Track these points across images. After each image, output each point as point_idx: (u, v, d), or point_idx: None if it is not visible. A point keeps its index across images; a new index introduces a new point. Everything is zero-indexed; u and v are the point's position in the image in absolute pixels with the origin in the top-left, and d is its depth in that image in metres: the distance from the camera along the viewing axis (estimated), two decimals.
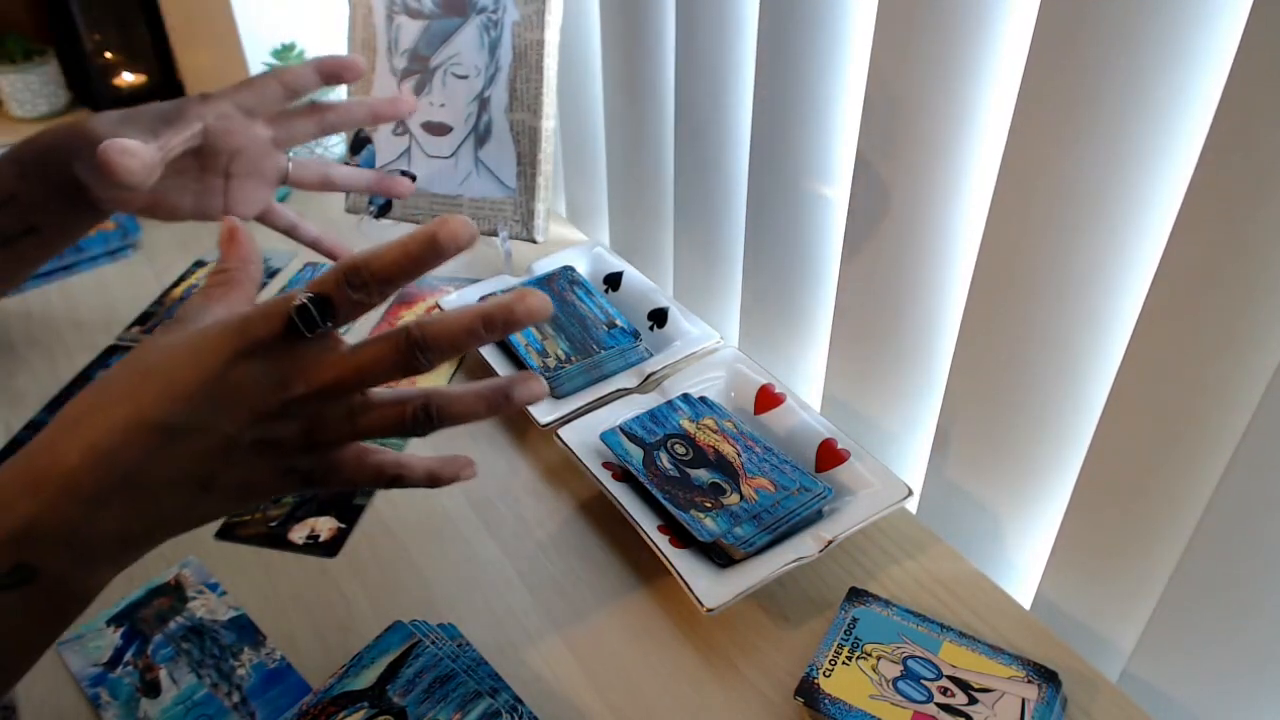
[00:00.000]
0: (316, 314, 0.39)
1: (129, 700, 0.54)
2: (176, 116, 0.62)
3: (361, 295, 0.40)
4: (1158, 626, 0.52)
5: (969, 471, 0.64)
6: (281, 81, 0.66)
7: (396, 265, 0.39)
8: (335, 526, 0.64)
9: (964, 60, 0.54)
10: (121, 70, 1.82)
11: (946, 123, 0.56)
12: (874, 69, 0.58)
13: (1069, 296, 0.53)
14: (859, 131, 0.61)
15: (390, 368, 0.41)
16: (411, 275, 0.40)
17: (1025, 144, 0.51)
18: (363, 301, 0.40)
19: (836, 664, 0.51)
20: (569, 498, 0.65)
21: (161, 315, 0.87)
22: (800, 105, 0.66)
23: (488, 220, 0.85)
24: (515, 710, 0.49)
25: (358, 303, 0.40)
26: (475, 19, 0.83)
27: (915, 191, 0.60)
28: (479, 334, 0.40)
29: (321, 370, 0.40)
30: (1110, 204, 0.49)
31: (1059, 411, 0.57)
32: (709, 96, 0.74)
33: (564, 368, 0.70)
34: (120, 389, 0.41)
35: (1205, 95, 0.44)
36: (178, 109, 0.63)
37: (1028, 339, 0.56)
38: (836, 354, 0.72)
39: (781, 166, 0.70)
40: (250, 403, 0.40)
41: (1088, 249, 0.51)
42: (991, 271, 0.56)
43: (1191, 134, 0.45)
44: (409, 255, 0.39)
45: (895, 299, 0.65)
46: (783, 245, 0.73)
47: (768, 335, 0.80)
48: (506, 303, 0.40)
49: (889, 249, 0.63)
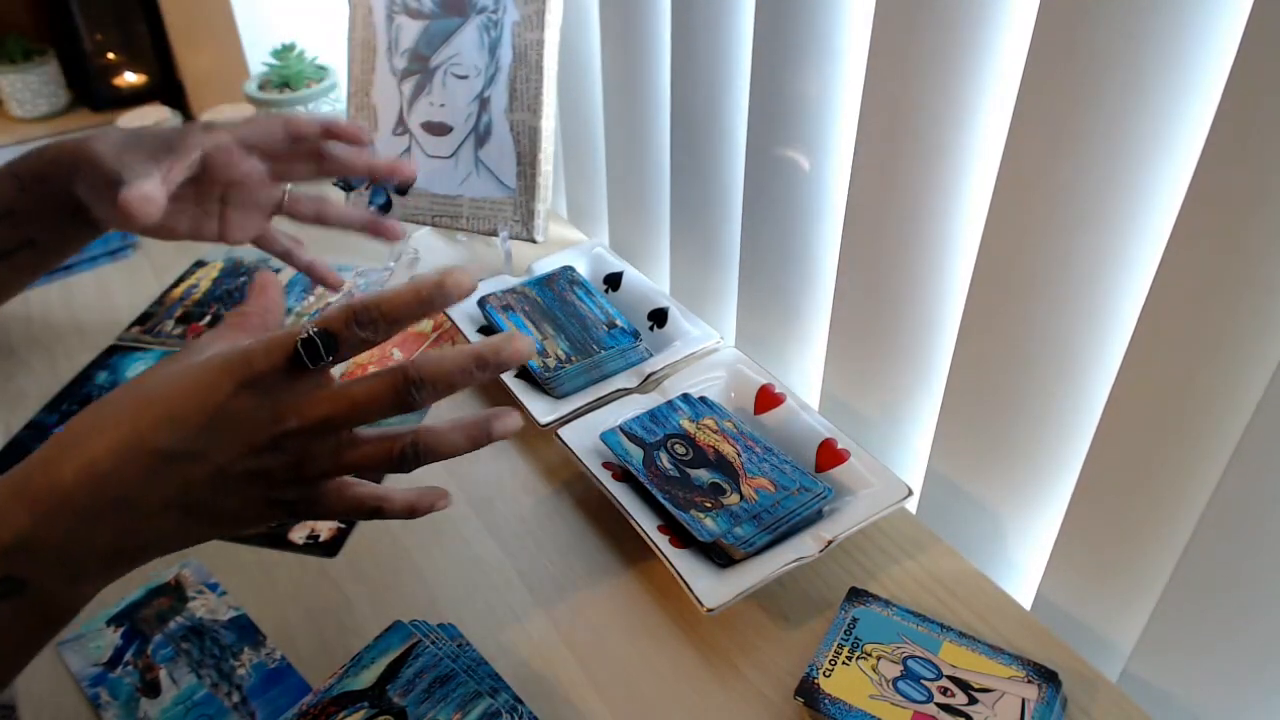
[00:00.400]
0: (322, 348, 0.40)
1: (129, 700, 0.54)
2: (179, 144, 0.63)
3: (368, 333, 0.41)
4: (1158, 626, 0.52)
5: (969, 471, 0.64)
6: (285, 123, 0.67)
7: (407, 307, 0.41)
8: (335, 526, 0.64)
9: (962, 59, 0.54)
10: (122, 70, 1.82)
11: (945, 122, 0.56)
12: (871, 69, 0.58)
13: (1069, 296, 0.53)
14: (856, 131, 0.61)
15: (385, 406, 0.42)
16: (418, 318, 0.42)
17: (1025, 143, 0.51)
18: (369, 339, 0.41)
19: (836, 664, 0.51)
20: (569, 498, 0.65)
21: (161, 315, 0.87)
22: (797, 105, 0.66)
23: (488, 220, 0.85)
24: (515, 710, 0.49)
25: (364, 340, 0.41)
26: (475, 19, 0.83)
27: (914, 191, 0.60)
28: (472, 373, 0.42)
29: (316, 405, 0.41)
30: (1110, 203, 0.49)
31: (1059, 411, 0.57)
32: (705, 97, 0.74)
33: (564, 368, 0.70)
34: (121, 412, 0.41)
35: (1206, 95, 0.44)
36: (180, 137, 0.63)
37: (1028, 339, 0.56)
38: (835, 354, 0.72)
39: (778, 167, 0.70)
40: (245, 434, 0.41)
41: (1087, 249, 0.51)
42: (991, 271, 0.56)
43: (1192, 133, 0.45)
44: (420, 299, 0.41)
45: (894, 298, 0.65)
46: (780, 245, 0.73)
47: (765, 335, 0.80)
48: (496, 344, 0.42)
49: (888, 248, 0.63)
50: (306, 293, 0.89)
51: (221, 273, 0.93)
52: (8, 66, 1.78)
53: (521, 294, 0.78)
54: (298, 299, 0.88)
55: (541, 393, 0.70)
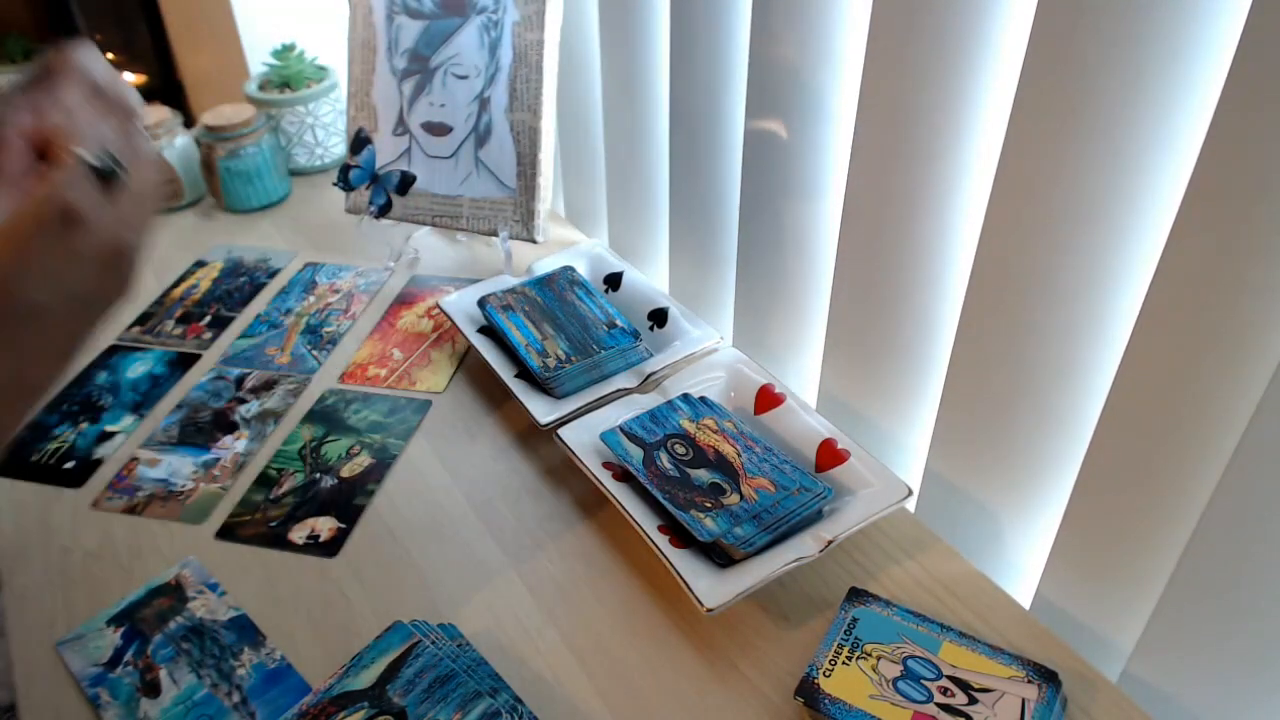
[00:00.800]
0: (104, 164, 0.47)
1: (129, 700, 0.54)
2: None
3: None
4: (1157, 626, 0.52)
5: (969, 471, 0.64)
6: None
7: None
8: (335, 526, 0.64)
9: (960, 59, 0.54)
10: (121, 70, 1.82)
11: (943, 122, 0.56)
12: (869, 71, 0.58)
13: (1068, 296, 0.53)
14: (853, 131, 0.61)
15: None
16: None
17: (1022, 143, 0.51)
18: None
19: (836, 664, 0.51)
20: (569, 498, 0.65)
21: (161, 315, 0.87)
22: (794, 105, 0.66)
23: (488, 220, 0.85)
24: (515, 710, 0.49)
25: None
26: (475, 19, 0.83)
27: (912, 191, 0.60)
28: None
29: None
30: (1108, 203, 0.49)
31: (1058, 411, 0.57)
32: (703, 98, 0.74)
33: (564, 368, 0.70)
34: None
35: (1204, 95, 0.44)
36: None
37: (1026, 339, 0.56)
38: (833, 354, 0.72)
39: (775, 166, 0.70)
40: None
41: (1086, 249, 0.51)
42: (989, 271, 0.56)
43: (1190, 133, 0.45)
44: None
45: (893, 298, 0.65)
46: (777, 245, 0.73)
47: (762, 335, 0.80)
48: None
49: (886, 249, 0.63)
50: (306, 293, 0.89)
51: (221, 273, 0.93)
52: (8, 66, 1.78)
53: (521, 294, 0.78)
54: (298, 299, 0.88)
55: (541, 393, 0.70)
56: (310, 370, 0.79)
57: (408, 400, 0.75)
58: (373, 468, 0.68)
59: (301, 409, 0.74)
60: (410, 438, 0.71)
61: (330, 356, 0.80)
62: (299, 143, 1.06)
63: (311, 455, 0.70)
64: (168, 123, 1.00)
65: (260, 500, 0.66)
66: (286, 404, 0.75)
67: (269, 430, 0.72)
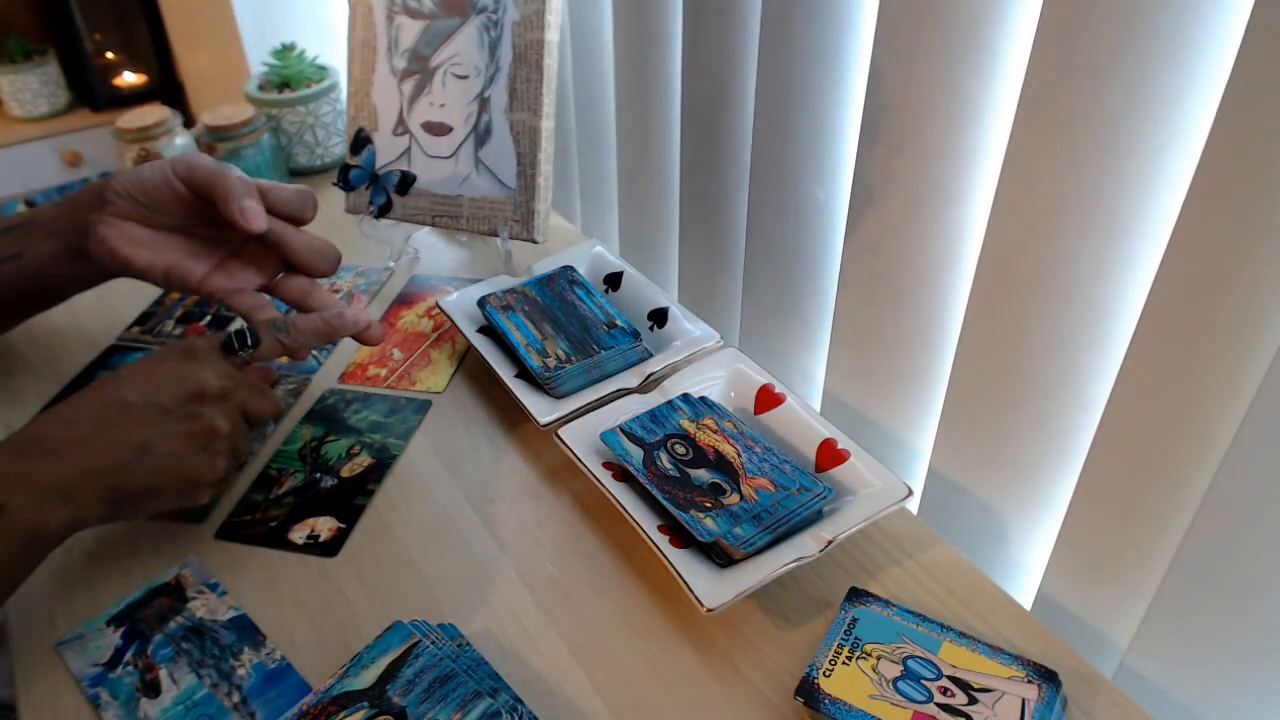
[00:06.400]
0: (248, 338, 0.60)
1: (129, 700, 0.54)
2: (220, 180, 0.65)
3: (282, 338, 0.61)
4: (1154, 621, 0.52)
5: (969, 471, 0.64)
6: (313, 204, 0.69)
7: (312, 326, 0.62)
8: (335, 526, 0.64)
9: (966, 59, 0.54)
10: (121, 70, 1.82)
11: (948, 122, 0.56)
12: (875, 69, 0.58)
13: (1071, 297, 0.53)
14: (860, 132, 0.61)
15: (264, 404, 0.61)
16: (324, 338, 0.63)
17: (1027, 143, 0.51)
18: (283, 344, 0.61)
19: (836, 664, 0.51)
20: (569, 498, 0.65)
21: (161, 315, 0.87)
22: (801, 105, 0.66)
23: (488, 220, 0.85)
24: (515, 710, 0.49)
25: (278, 342, 0.61)
26: (475, 19, 0.83)
27: (917, 191, 0.60)
28: None
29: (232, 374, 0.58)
30: (1112, 204, 0.49)
31: (1060, 411, 0.57)
32: (713, 98, 0.74)
33: (564, 368, 0.70)
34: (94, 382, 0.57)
35: (1208, 95, 0.44)
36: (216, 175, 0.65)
37: (1029, 339, 0.56)
38: (837, 354, 0.72)
39: (782, 167, 0.70)
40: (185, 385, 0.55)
41: (1089, 249, 0.51)
42: (993, 271, 0.56)
43: (1194, 134, 0.45)
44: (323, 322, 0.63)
45: (897, 299, 0.65)
46: (783, 245, 0.73)
47: (768, 335, 0.80)
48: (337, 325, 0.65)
49: (891, 249, 0.63)
50: None
51: None
52: (8, 66, 1.78)
53: (521, 294, 0.78)
54: None
55: (541, 393, 0.70)
56: (310, 370, 0.79)
57: (408, 400, 0.75)
58: (373, 468, 0.68)
59: (301, 409, 0.74)
60: (410, 438, 0.71)
61: (330, 356, 0.80)
62: (299, 143, 1.06)
63: (311, 455, 0.70)
64: (168, 122, 1.00)
65: (260, 500, 0.66)
66: (286, 404, 0.75)
67: (269, 430, 0.72)
